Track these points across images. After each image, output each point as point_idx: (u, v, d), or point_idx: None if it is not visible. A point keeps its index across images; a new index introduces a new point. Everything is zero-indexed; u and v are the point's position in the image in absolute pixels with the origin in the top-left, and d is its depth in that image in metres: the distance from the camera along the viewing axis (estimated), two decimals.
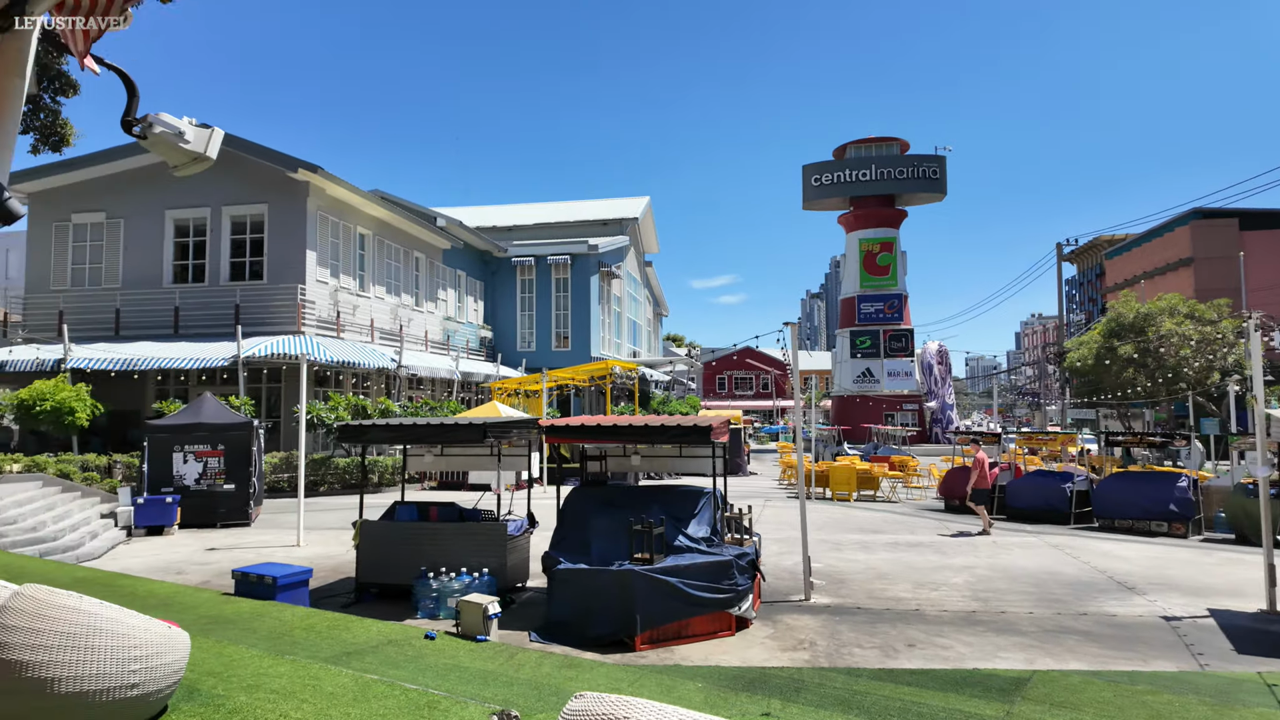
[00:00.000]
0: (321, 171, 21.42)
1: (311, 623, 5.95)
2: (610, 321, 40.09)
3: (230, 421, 13.80)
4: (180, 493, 13.20)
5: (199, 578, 9.27)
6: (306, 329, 21.61)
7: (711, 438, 7.25)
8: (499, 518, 8.34)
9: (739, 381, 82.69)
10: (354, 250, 24.69)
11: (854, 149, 48.94)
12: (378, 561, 8.17)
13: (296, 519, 14.11)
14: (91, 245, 23.36)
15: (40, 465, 13.62)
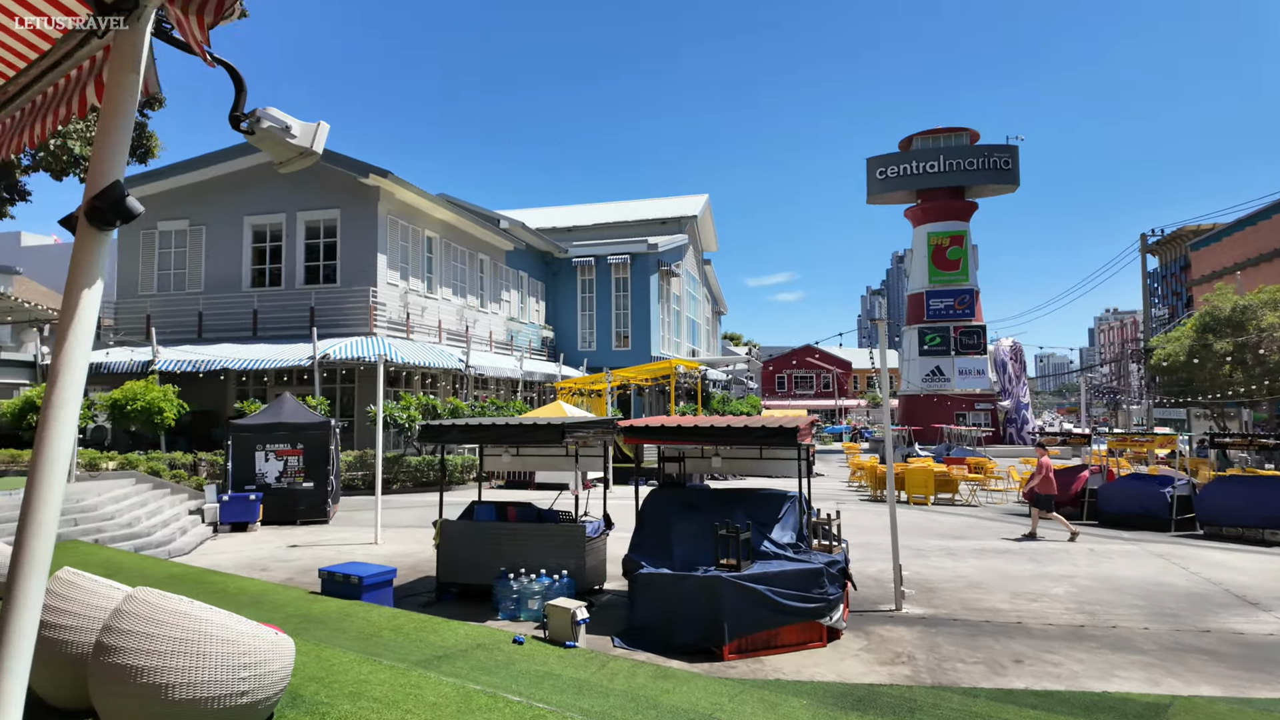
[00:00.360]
0: (391, 176, 21.85)
1: (398, 624, 5.92)
2: (670, 320, 39.88)
3: (309, 421, 14.14)
4: (262, 490, 13.59)
5: (283, 575, 9.46)
6: (378, 330, 22.08)
7: (798, 439, 6.97)
8: (576, 519, 8.22)
9: (799, 380, 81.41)
10: (422, 253, 25.14)
11: (920, 140, 47.47)
12: (457, 561, 8.15)
13: (373, 517, 14.37)
14: (176, 251, 24.41)
15: (133, 463, 14.22)
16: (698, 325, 47.75)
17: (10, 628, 2.27)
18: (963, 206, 46.16)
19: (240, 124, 2.87)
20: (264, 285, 23.56)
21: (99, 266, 2.54)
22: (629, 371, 24.95)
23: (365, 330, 21.92)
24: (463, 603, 8.07)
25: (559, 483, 19.45)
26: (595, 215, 45.27)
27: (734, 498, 7.53)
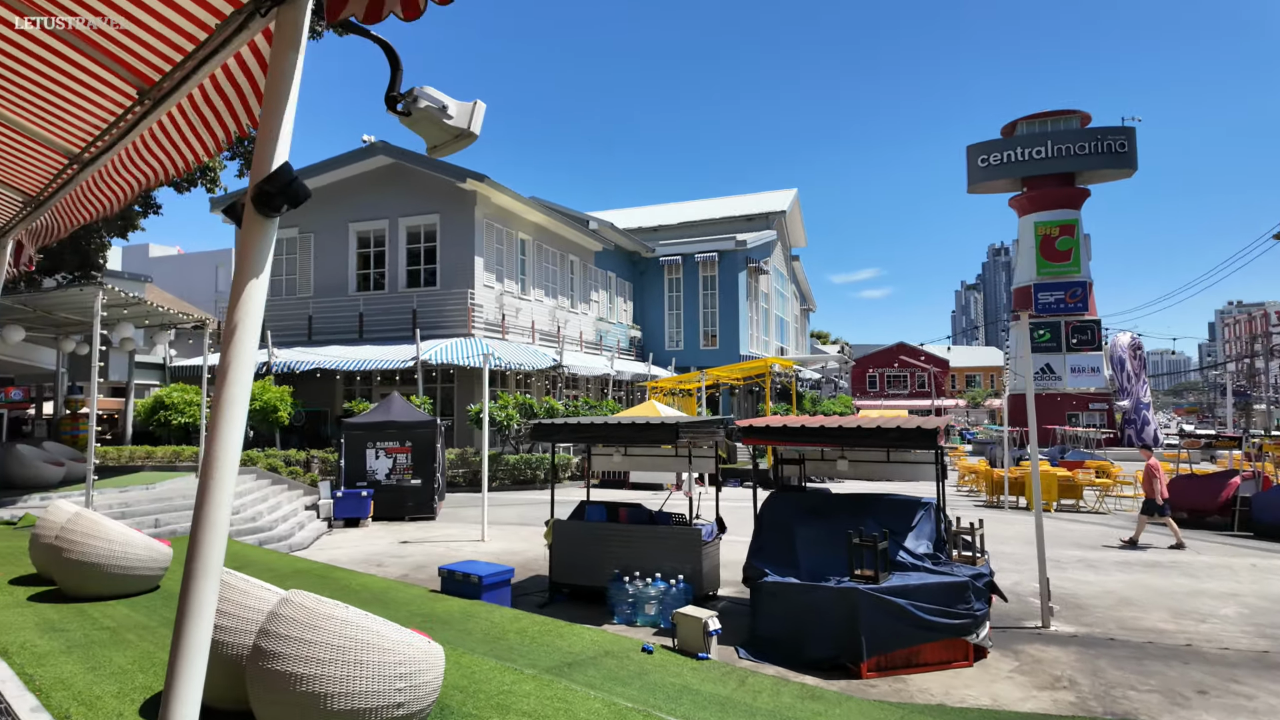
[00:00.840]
0: (488, 180, 22.25)
1: (522, 626, 5.80)
2: (758, 319, 39.14)
3: (417, 420, 14.47)
4: (373, 487, 13.99)
5: (398, 570, 9.61)
6: (476, 331, 22.53)
7: (936, 441, 6.46)
8: (689, 521, 7.95)
9: (891, 379, 78.63)
10: (515, 255, 25.52)
11: (1026, 125, 44.85)
12: (569, 562, 8.03)
13: (477, 514, 14.56)
14: (287, 258, 25.69)
15: (253, 460, 14.92)
16: (786, 323, 46.73)
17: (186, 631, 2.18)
18: (1073, 194, 43.31)
19: (396, 105, 2.71)
20: (368, 289, 24.47)
21: (267, 254, 2.43)
22: (722, 370, 24.51)
23: (464, 331, 22.40)
24: (576, 604, 7.95)
25: (653, 482, 19.29)
26: (681, 214, 44.98)
27: (862, 504, 7.08)
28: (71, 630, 4.52)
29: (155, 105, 3.40)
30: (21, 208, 5.26)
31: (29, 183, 4.85)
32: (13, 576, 6.01)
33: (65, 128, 3.91)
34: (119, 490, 10.94)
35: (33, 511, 9.38)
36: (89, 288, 9.48)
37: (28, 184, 4.87)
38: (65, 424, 14.27)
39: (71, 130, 3.93)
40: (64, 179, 4.53)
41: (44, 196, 5.05)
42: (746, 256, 36.05)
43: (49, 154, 4.32)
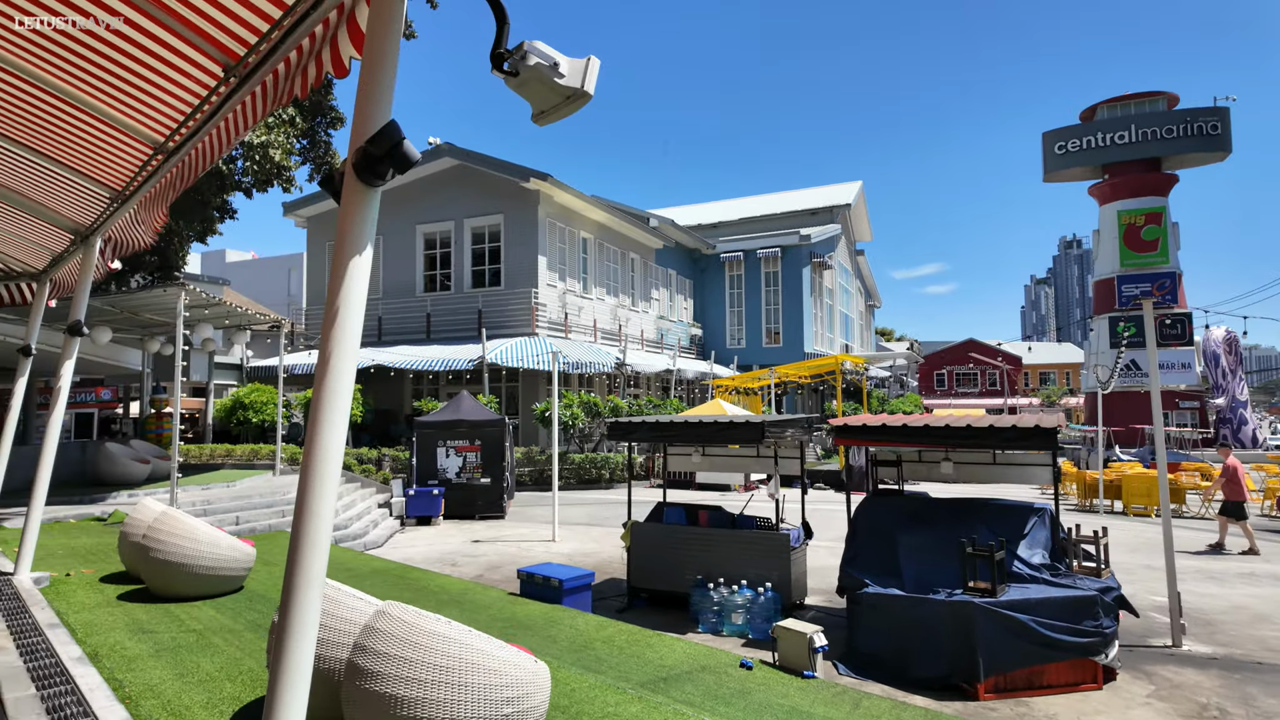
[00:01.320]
0: (551, 179, 22.20)
1: (608, 634, 5.51)
2: (822, 315, 38.21)
3: (486, 419, 14.43)
4: (444, 485, 13.99)
5: (472, 570, 9.49)
6: (539, 330, 22.52)
7: (1054, 442, 5.90)
8: (775, 525, 7.54)
9: (960, 377, 75.93)
10: (577, 254, 25.44)
11: (1107, 109, 42.55)
12: (648, 566, 7.73)
13: (545, 513, 14.40)
14: None
15: None
16: (851, 320, 45.54)
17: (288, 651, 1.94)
18: (1159, 180, 40.86)
19: (503, 64, 2.41)
20: (435, 290, 24.76)
21: (370, 227, 2.16)
22: (791, 368, 23.88)
23: (528, 331, 22.42)
24: (656, 610, 7.64)
25: (720, 483, 18.86)
26: (741, 210, 44.30)
27: (968, 509, 6.55)
28: (159, 632, 4.44)
29: (241, 83, 3.21)
30: (108, 204, 5.25)
31: (115, 177, 4.80)
32: (104, 574, 6.05)
33: (151, 114, 3.79)
34: (201, 488, 11.16)
35: (121, 508, 9.60)
36: (172, 288, 9.67)
37: (114, 178, 4.82)
38: (150, 423, 14.77)
39: (157, 116, 3.80)
40: (149, 171, 4.44)
41: (129, 191, 5.01)
42: (810, 251, 35.21)
43: (134, 145, 4.24)
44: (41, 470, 5.40)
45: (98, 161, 4.54)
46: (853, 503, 7.21)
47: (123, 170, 4.57)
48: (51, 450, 5.39)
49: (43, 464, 5.39)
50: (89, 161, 4.58)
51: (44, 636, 4.01)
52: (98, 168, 4.65)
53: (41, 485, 5.40)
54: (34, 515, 5.41)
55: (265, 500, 11.13)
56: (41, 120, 4.14)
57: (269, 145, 12.78)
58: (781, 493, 7.33)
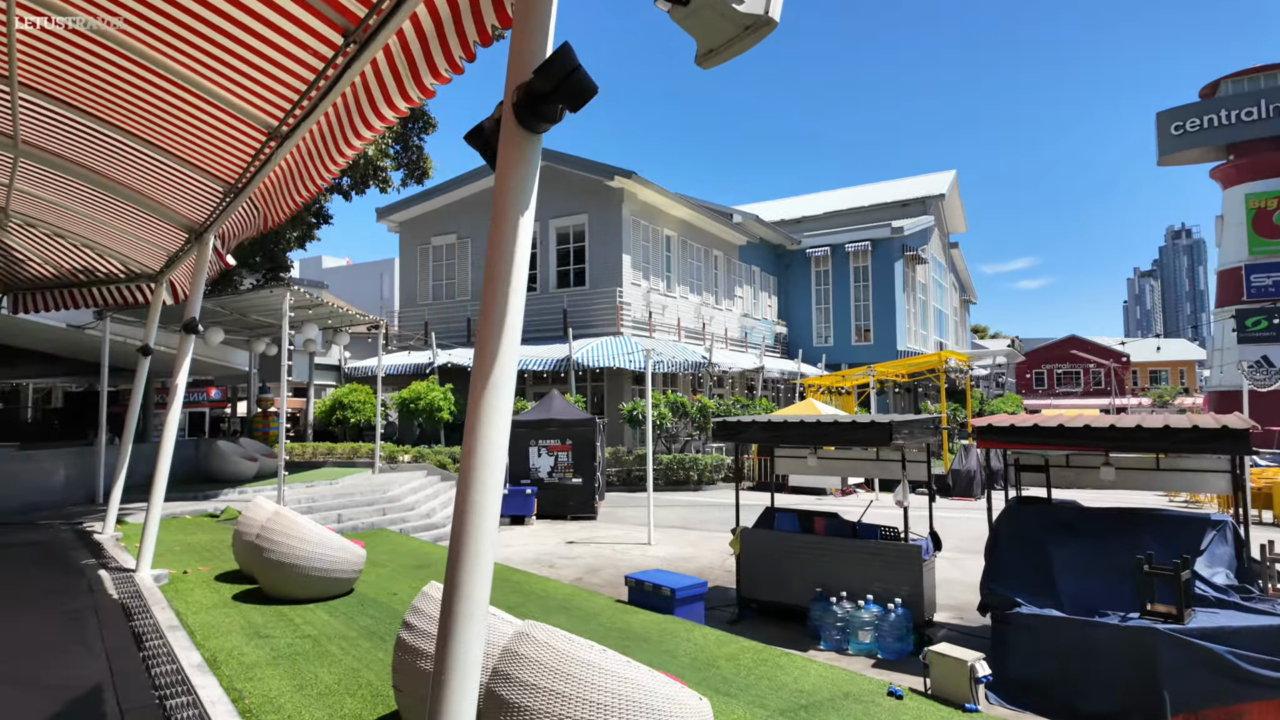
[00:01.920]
0: (635, 177, 21.95)
1: (731, 652, 5.09)
2: (915, 311, 36.57)
3: (577, 418, 14.25)
4: (536, 485, 13.89)
5: (571, 573, 9.24)
6: (624, 330, 22.31)
7: (1248, 444, 5.10)
8: (902, 535, 6.93)
9: (1061, 376, 71.66)
10: (661, 252, 25.11)
11: (1231, 84, 39.10)
12: (759, 575, 7.26)
13: (635, 514, 14.10)
14: (446, 263, 26.71)
15: (424, 456, 15.32)
16: (945, 316, 43.50)
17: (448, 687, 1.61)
18: None
19: None
20: None
21: (532, 182, 1.80)
22: (889, 366, 22.82)
23: (613, 330, 22.24)
24: (768, 622, 7.17)
25: (815, 486, 18.11)
26: (826, 204, 43.02)
27: (1132, 520, 5.78)
28: (275, 637, 4.29)
29: (361, 49, 2.95)
30: (221, 198, 5.20)
31: (227, 168, 4.71)
32: (219, 572, 6.05)
33: (262, 93, 3.59)
34: (306, 485, 11.37)
35: (232, 505, 9.83)
36: (278, 289, 9.84)
37: (226, 170, 4.74)
38: (257, 422, 15.32)
39: (269, 96, 3.60)
40: (261, 159, 4.31)
41: (241, 183, 4.93)
42: (902, 244, 33.73)
43: (245, 131, 4.09)
44: (160, 469, 5.40)
45: (210, 152, 4.44)
46: (973, 511, 6.53)
47: (235, 160, 4.46)
48: (169, 450, 5.39)
49: (161, 463, 5.40)
50: (202, 152, 4.49)
51: (165, 639, 3.90)
52: (210, 159, 4.56)
53: (160, 484, 5.41)
54: (153, 513, 5.43)
55: (366, 498, 11.24)
56: (156, 109, 4.05)
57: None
58: (910, 499, 6.71)
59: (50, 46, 3.65)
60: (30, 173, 5.57)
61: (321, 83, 3.30)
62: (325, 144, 3.78)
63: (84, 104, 4.22)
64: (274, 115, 3.76)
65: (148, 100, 3.96)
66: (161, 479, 5.41)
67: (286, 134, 3.84)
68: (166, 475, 5.44)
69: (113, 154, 4.86)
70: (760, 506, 15.50)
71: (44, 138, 4.88)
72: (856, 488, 18.47)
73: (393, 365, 23.73)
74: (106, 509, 7.54)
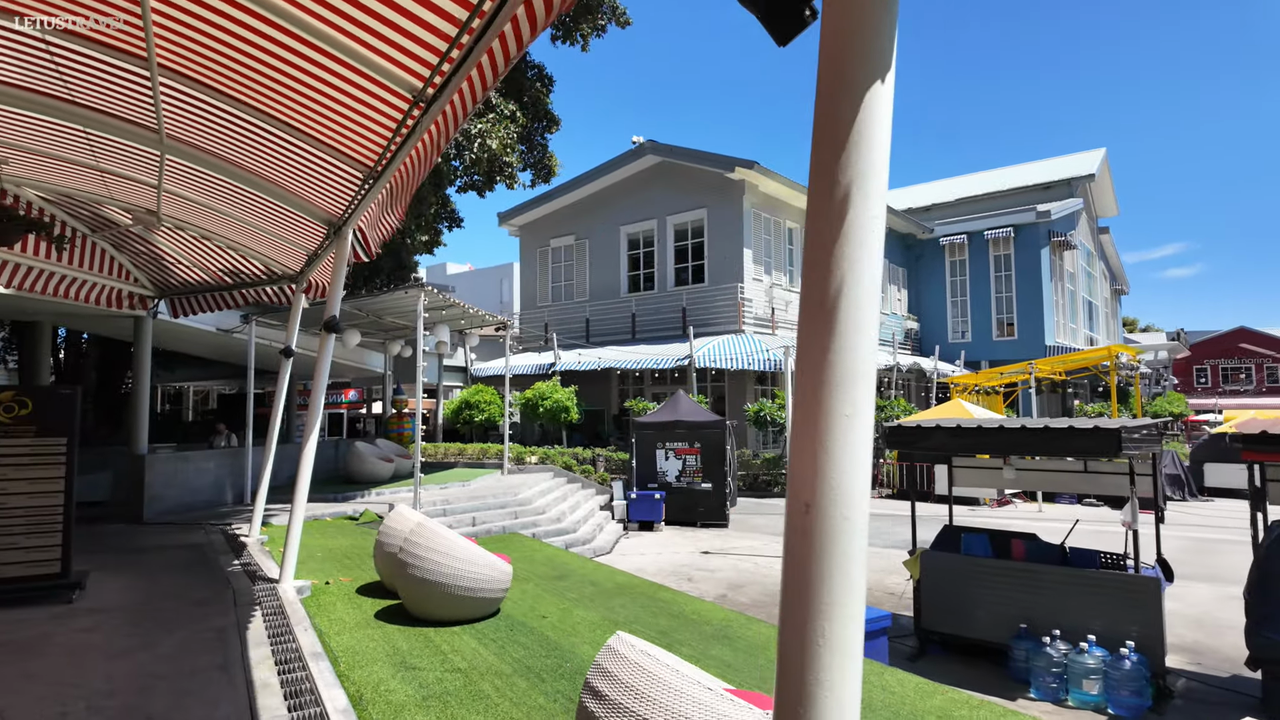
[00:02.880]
0: (757, 167, 21.02)
1: (941, 705, 4.20)
2: (1063, 303, 33.35)
3: (705, 420, 13.55)
4: (664, 489, 13.30)
5: (712, 588, 8.53)
6: (746, 328, 21.42)
7: None
8: (1128, 563, 5.75)
9: (1228, 373, 64.00)
10: (783, 245, 24.00)
11: None
12: (944, 605, 6.26)
13: (770, 524, 13.21)
14: (565, 265, 26.73)
15: (550, 457, 15.09)
16: (1095, 307, 39.58)
17: None
18: None
19: None
20: (639, 290, 24.53)
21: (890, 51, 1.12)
22: (1050, 363, 20.71)
23: (734, 328, 21.39)
24: (954, 659, 6.17)
25: (968, 496, 16.51)
26: (958, 189, 40.19)
27: None
28: (423, 669, 3.82)
29: None
30: (360, 185, 4.84)
31: (368, 148, 4.31)
32: (360, 584, 5.77)
33: (410, 44, 3.08)
34: (440, 487, 11.28)
35: (370, 507, 9.80)
36: (412, 290, 9.73)
37: (366, 150, 4.34)
38: (392, 423, 15.61)
39: (416, 50, 3.11)
40: (404, 132, 3.86)
41: (381, 166, 4.53)
42: (1050, 229, 30.84)
43: (387, 100, 3.63)
44: (302, 475, 5.13)
45: (349, 130, 4.04)
46: (1161, 527, 5.25)
47: (375, 138, 4.04)
48: (310, 454, 5.11)
49: (302, 470, 5.12)
50: (340, 132, 4.10)
51: (308, 671, 3.50)
52: (349, 139, 4.17)
53: (302, 491, 5.14)
54: (296, 522, 5.17)
55: (498, 501, 11.00)
56: (292, 84, 3.66)
57: (486, 134, 12.72)
58: (1136, 519, 5.53)
59: (184, 13, 3.31)
60: (176, 171, 5.47)
61: (476, 22, 2.74)
62: (465, 101, 3.24)
63: (219, 83, 3.92)
64: (419, 75, 3.26)
65: (283, 72, 3.58)
66: (303, 486, 5.15)
67: (432, 97, 3.34)
68: (308, 482, 5.17)
69: (251, 143, 4.60)
70: (902, 517, 14.15)
71: (185, 128, 4.68)
72: (1013, 498, 16.72)
73: (515, 366, 23.95)
74: (254, 509, 7.54)
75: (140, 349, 8.90)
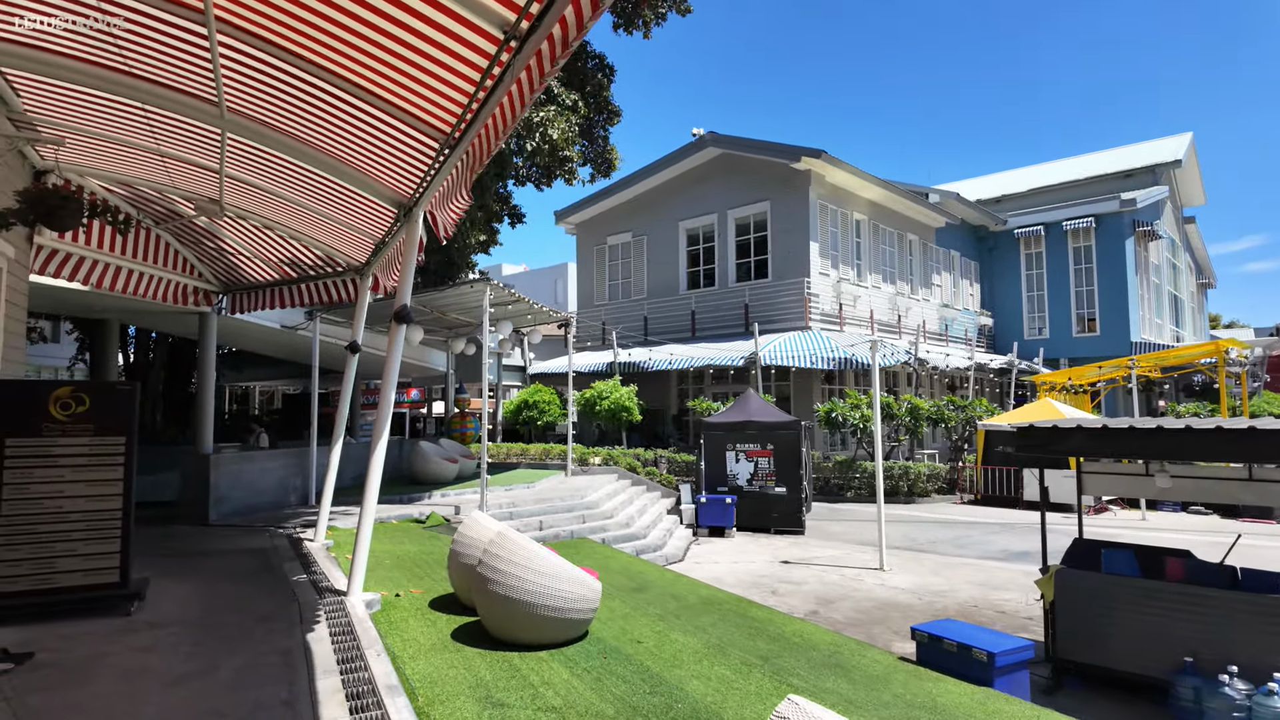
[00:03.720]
0: (825, 155, 20.14)
1: None
2: (1149, 297, 31.35)
3: (779, 420, 12.83)
4: (734, 493, 12.64)
5: (800, 603, 7.85)
6: (813, 324, 20.56)
7: None
8: None
9: None
10: (850, 238, 23.02)
11: None
12: (1085, 631, 5.47)
13: (848, 531, 12.45)
14: (622, 263, 26.26)
15: (614, 459, 14.58)
16: (1181, 302, 37.19)
17: None
18: None
19: None
20: (699, 287, 23.87)
21: None
22: (1153, 359, 19.27)
23: (800, 324, 20.56)
24: (1096, 693, 5.37)
25: (1061, 502, 15.33)
26: (1030, 179, 38.26)
27: None
28: (512, 707, 3.30)
29: None
30: (434, 157, 4.36)
31: (444, 109, 3.82)
32: (433, 596, 5.31)
33: None
34: (505, 489, 10.87)
35: (436, 509, 9.42)
36: (479, 284, 9.32)
37: (443, 112, 3.85)
38: (455, 422, 15.33)
39: None
40: (489, 82, 3.34)
41: (459, 132, 4.04)
42: (1134, 219, 29.00)
43: (475, 39, 3.11)
44: (371, 478, 4.68)
45: (428, 86, 3.51)
46: None
47: (457, 94, 3.50)
48: (380, 457, 4.65)
49: (372, 471, 4.67)
50: (417, 91, 3.58)
51: (383, 710, 3.00)
52: (427, 97, 3.64)
53: (372, 495, 4.69)
54: (365, 529, 4.73)
55: (565, 504, 10.53)
56: (366, 31, 3.19)
57: (547, 123, 12.27)
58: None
59: None
60: (237, 153, 5.10)
61: None
62: (567, 32, 2.68)
63: (279, 37, 3.47)
64: (512, 3, 2.72)
65: (352, 16, 3.10)
66: (373, 490, 4.69)
67: (527, 31, 2.79)
68: (378, 486, 4.71)
69: (315, 113, 4.16)
70: (991, 525, 13.12)
71: (245, 100, 4.27)
72: (1110, 505, 15.50)
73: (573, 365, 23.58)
74: (318, 511, 7.20)
75: (205, 346, 8.70)
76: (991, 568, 9.84)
